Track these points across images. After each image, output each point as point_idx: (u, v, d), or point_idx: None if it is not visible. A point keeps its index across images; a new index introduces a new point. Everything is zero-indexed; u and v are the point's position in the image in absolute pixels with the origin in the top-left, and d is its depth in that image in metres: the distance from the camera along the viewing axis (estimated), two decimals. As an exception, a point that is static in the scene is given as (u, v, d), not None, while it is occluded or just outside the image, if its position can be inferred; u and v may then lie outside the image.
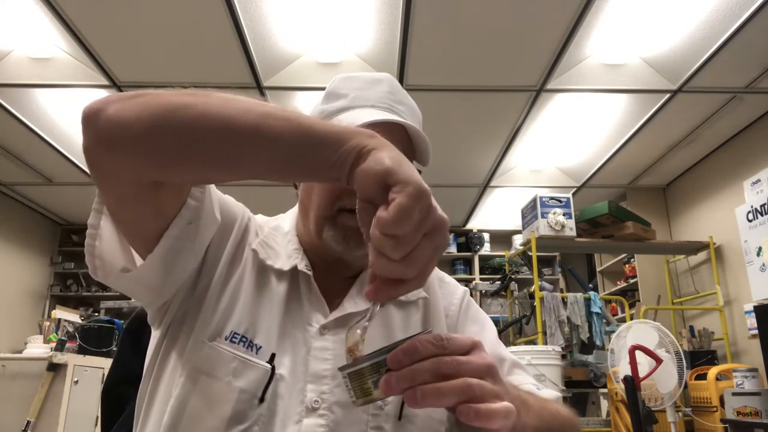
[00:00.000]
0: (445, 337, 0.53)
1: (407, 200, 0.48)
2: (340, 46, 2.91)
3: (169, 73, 3.10)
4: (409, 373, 0.50)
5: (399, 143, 0.75)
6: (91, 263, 0.66)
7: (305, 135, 0.54)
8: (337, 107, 0.78)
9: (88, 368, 3.32)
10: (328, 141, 0.54)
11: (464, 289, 0.92)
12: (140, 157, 0.56)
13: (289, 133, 0.54)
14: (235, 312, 0.73)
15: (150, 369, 0.76)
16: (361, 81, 0.81)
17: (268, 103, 0.56)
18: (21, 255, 5.20)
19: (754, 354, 3.58)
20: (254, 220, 0.83)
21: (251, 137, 0.54)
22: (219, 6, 2.55)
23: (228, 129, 0.54)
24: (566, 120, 3.65)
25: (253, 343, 0.71)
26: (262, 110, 0.55)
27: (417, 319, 0.83)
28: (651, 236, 3.90)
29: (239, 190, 3.89)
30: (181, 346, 0.72)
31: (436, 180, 4.58)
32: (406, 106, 0.82)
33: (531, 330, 3.92)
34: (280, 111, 0.55)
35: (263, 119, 0.54)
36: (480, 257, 5.82)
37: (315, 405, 0.70)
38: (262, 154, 0.55)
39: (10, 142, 3.87)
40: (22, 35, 2.84)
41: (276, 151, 0.55)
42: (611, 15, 2.65)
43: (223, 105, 0.55)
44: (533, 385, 0.79)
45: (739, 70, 3.06)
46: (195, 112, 0.54)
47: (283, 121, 0.54)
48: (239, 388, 0.68)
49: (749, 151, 3.76)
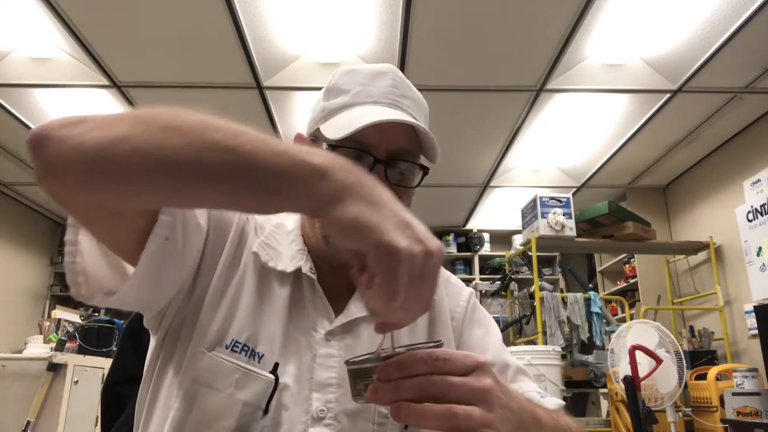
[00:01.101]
0: (443, 356, 0.51)
1: (387, 277, 0.45)
2: (340, 46, 2.91)
3: (169, 73, 3.11)
4: (394, 387, 0.49)
5: (407, 140, 0.74)
6: (73, 282, 0.60)
7: (253, 171, 0.47)
8: (338, 104, 0.75)
9: (88, 368, 3.32)
10: (290, 178, 0.47)
11: (470, 290, 0.90)
12: (87, 189, 0.51)
13: (233, 169, 0.47)
14: (235, 319, 0.70)
15: (148, 377, 0.74)
16: (363, 75, 0.77)
17: (231, 130, 0.48)
18: (21, 255, 5.20)
19: (754, 354, 3.58)
20: (253, 220, 0.80)
21: (189, 175, 0.48)
22: (219, 6, 2.55)
23: (162, 166, 0.47)
24: (566, 120, 3.65)
25: (256, 351, 0.69)
26: (206, 140, 0.47)
27: (423, 320, 0.82)
28: (651, 236, 3.90)
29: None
30: (179, 357, 0.69)
31: (436, 180, 4.58)
32: (411, 99, 0.78)
33: (531, 330, 3.92)
34: (235, 141, 0.47)
35: (202, 153, 0.47)
36: (480, 257, 5.82)
37: (321, 414, 0.69)
38: (205, 191, 0.49)
39: (10, 142, 3.87)
40: (22, 35, 2.84)
41: (222, 188, 0.48)
42: (611, 15, 2.65)
43: (162, 138, 0.47)
44: (537, 392, 0.78)
45: (739, 70, 3.06)
46: (129, 147, 0.47)
47: (231, 154, 0.47)
48: (242, 401, 0.66)
49: (749, 151, 3.75)
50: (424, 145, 0.76)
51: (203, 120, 0.49)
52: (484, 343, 0.83)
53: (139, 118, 0.49)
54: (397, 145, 0.73)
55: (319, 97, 0.80)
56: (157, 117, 0.49)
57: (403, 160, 0.74)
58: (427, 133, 0.73)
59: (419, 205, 4.05)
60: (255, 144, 0.48)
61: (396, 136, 0.73)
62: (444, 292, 0.86)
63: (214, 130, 0.48)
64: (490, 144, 3.99)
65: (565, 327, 3.63)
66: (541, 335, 3.55)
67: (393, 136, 0.73)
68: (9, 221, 4.98)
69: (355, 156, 0.73)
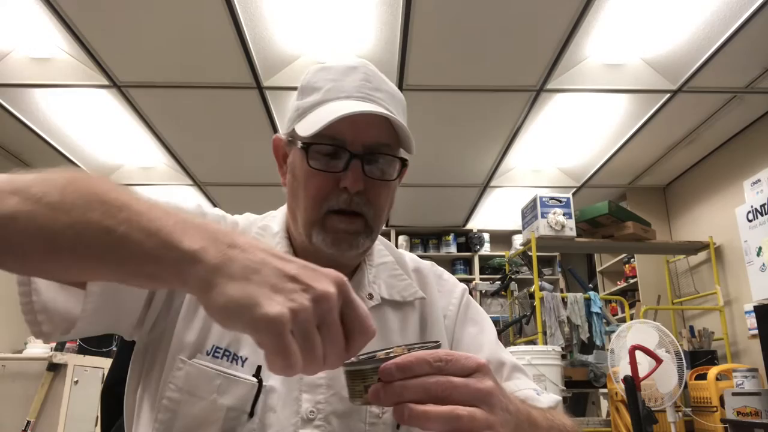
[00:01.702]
0: (445, 357, 0.50)
1: (277, 351, 0.42)
2: (340, 47, 2.90)
3: (169, 73, 3.10)
4: (398, 388, 0.48)
5: (382, 133, 0.73)
6: (32, 321, 0.57)
7: (127, 256, 0.46)
8: (311, 102, 0.75)
9: (88, 368, 3.32)
10: (163, 265, 0.45)
11: (463, 287, 0.89)
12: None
13: (111, 251, 0.46)
14: (214, 325, 0.69)
15: (133, 388, 0.73)
16: (334, 71, 0.76)
17: (113, 206, 0.46)
18: (21, 255, 5.19)
19: (754, 354, 3.58)
20: (237, 225, 0.80)
21: (74, 256, 0.47)
22: (219, 6, 2.55)
23: (49, 247, 0.47)
24: (566, 120, 3.65)
25: (238, 355, 0.69)
26: (86, 220, 0.46)
27: (415, 319, 0.81)
28: (651, 236, 3.90)
29: (241, 189, 3.91)
30: (160, 367, 0.69)
31: (436, 180, 4.58)
32: (385, 92, 0.76)
33: (531, 330, 3.92)
34: (112, 222, 0.46)
35: (81, 235, 0.46)
36: (480, 257, 5.82)
37: (311, 416, 0.69)
38: (98, 271, 0.48)
39: (10, 142, 3.87)
40: (22, 35, 2.84)
41: (108, 269, 0.47)
42: (611, 15, 2.65)
43: (47, 218, 0.46)
44: (533, 390, 0.78)
45: (739, 70, 3.06)
46: (18, 227, 0.46)
47: (108, 236, 0.45)
48: (226, 406, 0.66)
49: (749, 151, 3.75)
50: (401, 139, 0.75)
51: (91, 192, 0.47)
52: (478, 341, 0.83)
53: (29, 192, 0.47)
54: (372, 138, 0.73)
55: (294, 97, 0.80)
56: (48, 191, 0.47)
57: (381, 153, 0.74)
58: (402, 125, 0.72)
59: (420, 205, 4.08)
60: (132, 223, 0.45)
61: (371, 130, 0.73)
62: (436, 290, 0.86)
63: (97, 205, 0.46)
64: (490, 144, 3.99)
65: (565, 327, 3.63)
66: (541, 335, 3.54)
67: (368, 129, 0.72)
68: (9, 221, 4.98)
69: (331, 152, 0.72)
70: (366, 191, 0.73)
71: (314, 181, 0.73)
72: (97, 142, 3.93)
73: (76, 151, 4.04)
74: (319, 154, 0.73)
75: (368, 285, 0.80)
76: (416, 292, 0.83)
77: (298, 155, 0.75)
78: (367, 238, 0.75)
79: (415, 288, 0.83)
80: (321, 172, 0.73)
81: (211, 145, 4.00)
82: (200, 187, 4.72)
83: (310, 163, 0.72)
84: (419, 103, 3.40)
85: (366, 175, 0.72)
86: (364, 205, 0.73)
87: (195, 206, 0.79)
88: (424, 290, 0.84)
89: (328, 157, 0.73)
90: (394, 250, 0.88)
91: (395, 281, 0.83)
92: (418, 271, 0.87)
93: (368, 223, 0.74)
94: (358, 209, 0.73)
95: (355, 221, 0.73)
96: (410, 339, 0.79)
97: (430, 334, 0.81)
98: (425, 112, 3.54)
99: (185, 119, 3.61)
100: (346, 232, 0.73)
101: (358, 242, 0.74)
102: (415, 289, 0.83)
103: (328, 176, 0.73)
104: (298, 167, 0.75)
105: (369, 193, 0.73)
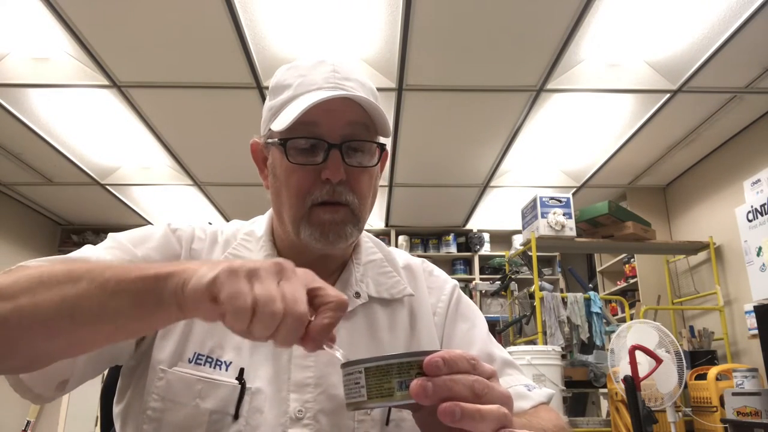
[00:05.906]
0: (474, 357, 0.49)
1: (231, 315, 0.45)
2: (340, 47, 2.90)
3: (169, 73, 3.10)
4: (449, 382, 0.46)
5: (358, 119, 0.74)
6: (24, 391, 0.62)
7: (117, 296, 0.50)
8: (282, 99, 0.75)
9: (88, 368, 3.32)
10: (147, 293, 0.49)
11: (454, 283, 0.89)
12: None
13: (99, 302, 0.50)
14: (193, 334, 0.71)
15: (119, 402, 0.74)
16: (302, 67, 0.77)
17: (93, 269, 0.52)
18: (21, 255, 5.19)
19: (754, 354, 3.58)
20: (221, 234, 0.81)
21: (64, 328, 0.51)
22: (219, 6, 2.55)
23: (42, 326, 0.50)
24: (566, 120, 3.65)
25: (221, 360, 0.70)
26: (66, 293, 0.50)
27: (404, 317, 0.81)
28: (651, 236, 3.90)
29: (241, 189, 3.91)
30: (143, 381, 0.70)
31: (436, 180, 4.58)
32: (355, 81, 0.77)
33: (531, 330, 3.92)
34: (89, 280, 0.50)
35: (68, 302, 0.50)
36: (480, 257, 5.82)
37: (299, 415, 0.69)
38: (95, 338, 0.53)
39: (10, 142, 3.87)
40: (22, 35, 2.84)
41: (94, 327, 0.51)
42: (611, 15, 2.65)
43: (32, 300, 0.51)
44: (524, 386, 0.77)
45: (739, 70, 3.06)
46: (5, 310, 0.50)
47: (85, 294, 0.50)
48: (209, 410, 0.67)
49: (749, 151, 3.76)
50: (376, 122, 0.76)
51: (61, 273, 0.52)
52: (469, 336, 0.82)
53: (6, 293, 0.51)
54: (348, 127, 0.74)
55: (266, 100, 0.81)
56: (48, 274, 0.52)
57: (358, 140, 0.74)
58: (376, 107, 0.73)
59: (420, 205, 4.08)
60: (100, 281, 0.51)
61: (346, 116, 0.73)
62: (426, 287, 0.85)
63: (74, 278, 0.51)
64: (490, 144, 3.99)
65: (565, 327, 3.63)
66: (541, 335, 3.55)
67: (343, 117, 0.73)
68: (9, 221, 4.98)
69: (309, 146, 0.73)
70: (348, 180, 0.74)
71: (295, 176, 0.74)
72: (97, 142, 3.93)
73: (76, 151, 4.04)
74: (297, 149, 0.74)
75: (355, 284, 0.80)
76: (405, 289, 0.83)
77: (277, 154, 0.76)
78: (355, 227, 0.76)
79: (404, 285, 0.83)
80: (301, 166, 0.73)
81: (211, 145, 3.99)
82: (200, 187, 4.72)
83: (290, 159, 0.73)
84: (419, 103, 3.40)
85: (346, 164, 0.73)
86: (348, 194, 0.74)
87: (165, 226, 0.80)
88: (414, 287, 0.84)
89: (306, 151, 0.74)
90: (384, 248, 0.89)
91: (384, 279, 0.83)
92: (409, 268, 0.87)
93: (354, 211, 0.75)
94: (342, 199, 0.74)
95: (339, 211, 0.74)
96: (399, 336, 0.79)
97: (419, 331, 0.81)
98: (425, 112, 3.54)
99: (185, 119, 3.61)
100: (332, 223, 0.73)
101: (345, 232, 0.74)
102: (403, 286, 0.83)
103: (309, 169, 0.73)
104: (278, 166, 0.76)
105: (351, 181, 0.74)
